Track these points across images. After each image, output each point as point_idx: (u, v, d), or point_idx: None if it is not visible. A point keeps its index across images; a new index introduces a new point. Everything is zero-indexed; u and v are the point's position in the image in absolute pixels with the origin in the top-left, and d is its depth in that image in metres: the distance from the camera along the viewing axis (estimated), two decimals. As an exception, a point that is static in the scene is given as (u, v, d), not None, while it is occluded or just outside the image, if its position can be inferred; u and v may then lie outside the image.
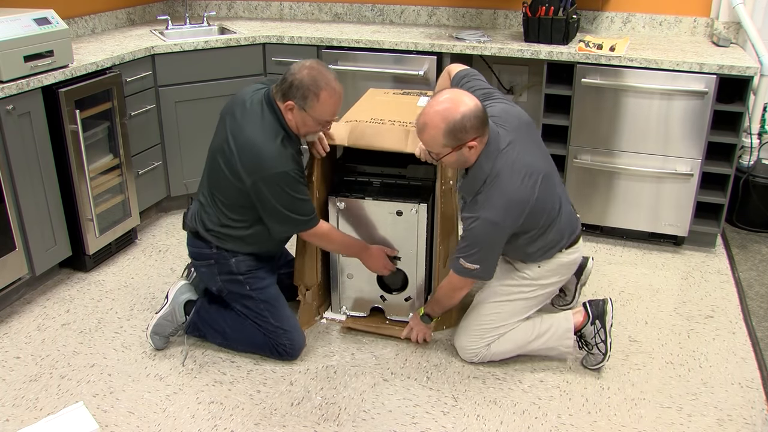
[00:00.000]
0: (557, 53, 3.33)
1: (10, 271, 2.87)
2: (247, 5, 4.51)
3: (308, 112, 2.34)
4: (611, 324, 2.53)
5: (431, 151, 2.30)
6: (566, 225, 2.46)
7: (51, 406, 2.39)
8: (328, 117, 2.39)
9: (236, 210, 2.46)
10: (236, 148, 2.36)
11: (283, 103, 2.35)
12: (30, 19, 2.87)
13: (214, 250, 2.54)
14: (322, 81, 2.31)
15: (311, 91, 2.30)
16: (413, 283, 2.73)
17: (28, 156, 2.87)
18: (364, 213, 2.66)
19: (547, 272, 2.51)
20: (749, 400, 2.43)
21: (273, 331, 2.56)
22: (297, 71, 2.33)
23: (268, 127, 2.36)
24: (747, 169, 3.68)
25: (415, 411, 2.37)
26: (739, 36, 3.60)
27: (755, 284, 3.18)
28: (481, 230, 2.27)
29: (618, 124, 3.33)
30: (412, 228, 2.64)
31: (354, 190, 2.68)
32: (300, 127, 2.40)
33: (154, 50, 3.53)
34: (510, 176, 2.26)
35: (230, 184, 2.41)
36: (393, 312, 2.81)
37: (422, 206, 2.60)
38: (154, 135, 3.64)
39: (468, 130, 2.18)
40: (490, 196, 2.26)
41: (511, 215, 2.26)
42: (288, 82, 2.33)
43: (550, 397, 2.43)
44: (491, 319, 2.52)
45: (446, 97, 2.21)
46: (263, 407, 2.38)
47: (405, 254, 2.69)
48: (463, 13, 4.09)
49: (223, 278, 2.57)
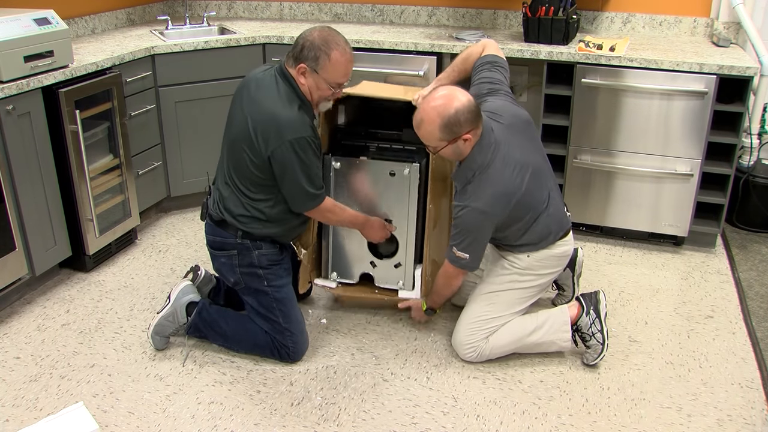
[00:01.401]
0: (557, 53, 3.33)
1: (10, 271, 2.87)
2: (247, 5, 4.51)
3: (320, 74, 2.33)
4: (606, 313, 2.58)
5: (429, 146, 2.39)
6: (554, 221, 2.52)
7: (51, 406, 2.39)
8: (340, 78, 2.38)
9: (258, 188, 2.44)
10: (255, 123, 2.34)
11: (295, 67, 2.35)
12: (30, 20, 2.87)
13: (238, 240, 2.51)
14: (332, 42, 2.32)
15: (322, 51, 2.30)
16: (404, 248, 2.74)
17: (28, 156, 2.87)
18: (358, 173, 2.68)
19: (536, 262, 2.55)
20: (749, 401, 2.43)
21: (280, 331, 2.56)
22: (308, 34, 2.34)
23: (284, 96, 2.35)
24: (747, 170, 3.68)
25: (415, 411, 2.37)
26: (739, 36, 3.60)
27: (755, 284, 3.18)
28: (470, 218, 2.37)
29: (618, 124, 3.33)
30: (404, 189, 2.66)
31: (350, 152, 2.70)
32: (313, 92, 2.39)
33: (154, 50, 3.53)
34: (500, 168, 2.36)
35: (252, 164, 2.39)
36: (382, 280, 2.81)
37: (414, 166, 2.62)
38: (154, 135, 3.64)
39: (462, 124, 2.28)
40: (479, 186, 2.36)
41: (499, 205, 2.36)
42: (299, 46, 2.34)
43: (550, 397, 2.44)
44: (487, 311, 2.55)
45: (441, 94, 2.32)
46: (263, 407, 2.38)
47: (396, 217, 2.71)
48: (463, 14, 4.09)
49: (243, 270, 2.55)
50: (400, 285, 2.80)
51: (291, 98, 2.36)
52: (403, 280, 2.78)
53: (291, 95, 2.36)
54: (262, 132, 2.33)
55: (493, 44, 2.70)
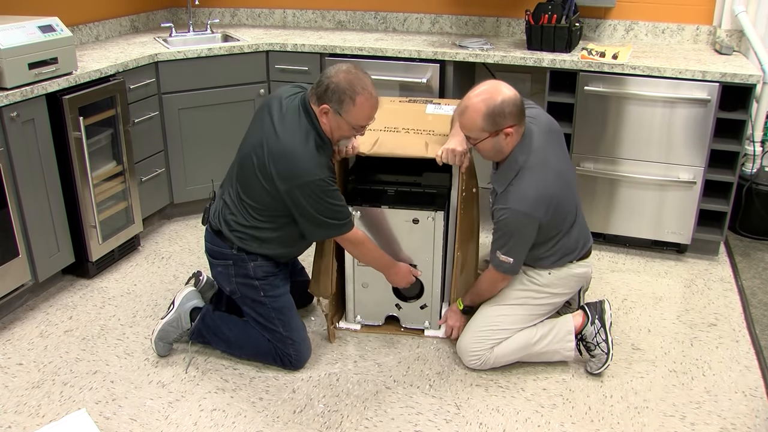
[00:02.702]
0: (560, 61, 3.34)
1: (13, 277, 2.87)
2: (251, 13, 4.52)
3: (343, 117, 2.31)
4: (611, 323, 2.58)
5: (469, 137, 2.36)
6: (582, 234, 2.56)
7: (53, 413, 2.39)
8: (363, 122, 2.36)
9: (264, 214, 2.43)
10: (271, 154, 2.33)
11: (318, 106, 2.33)
12: (35, 27, 2.88)
13: (234, 251, 2.50)
14: (358, 86, 2.29)
15: (347, 95, 2.27)
16: (429, 291, 2.73)
17: (31, 163, 2.87)
18: (380, 221, 2.66)
19: (556, 280, 2.55)
20: (753, 409, 2.42)
21: (281, 340, 2.56)
22: (333, 75, 2.30)
23: (303, 134, 2.33)
24: (750, 177, 3.67)
25: (418, 419, 2.36)
26: (742, 44, 3.61)
27: (759, 292, 3.18)
28: (513, 220, 2.35)
29: (621, 131, 3.33)
30: (428, 235, 2.64)
31: (369, 199, 2.67)
32: (334, 132, 2.37)
33: (157, 57, 3.54)
34: (541, 170, 2.36)
35: (262, 189, 2.38)
36: (408, 320, 2.81)
37: (439, 214, 2.60)
38: (157, 142, 3.65)
39: (506, 116, 2.28)
40: (521, 188, 2.35)
41: (542, 207, 2.34)
42: (324, 86, 2.30)
43: (553, 405, 2.43)
44: (498, 321, 2.54)
45: (487, 85, 2.32)
46: (266, 415, 2.38)
47: (421, 262, 2.69)
48: (466, 21, 4.10)
49: (239, 280, 2.55)
50: (426, 325, 2.80)
51: (309, 135, 2.33)
52: (430, 320, 2.79)
53: (311, 133, 2.34)
54: (276, 164, 2.32)
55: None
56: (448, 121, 2.83)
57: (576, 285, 2.62)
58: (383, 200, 2.66)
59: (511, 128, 2.31)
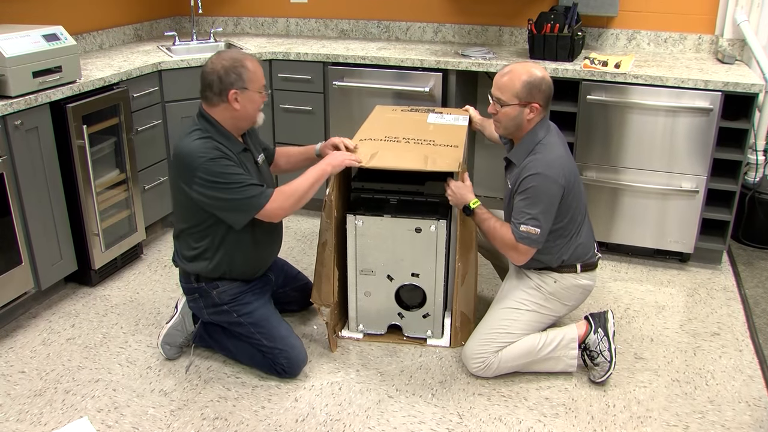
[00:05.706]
0: (562, 70, 3.34)
1: (16, 285, 2.87)
2: (254, 21, 4.54)
3: (249, 87, 2.39)
4: (614, 332, 2.58)
5: (500, 98, 2.46)
6: (589, 238, 2.61)
7: (55, 421, 2.39)
8: (263, 80, 2.45)
9: (196, 229, 2.49)
10: (173, 167, 2.43)
11: (224, 100, 2.38)
12: (39, 36, 2.90)
13: (196, 285, 2.56)
14: (236, 56, 2.40)
15: (238, 68, 2.37)
16: (432, 300, 2.73)
17: (35, 170, 2.88)
18: (383, 230, 2.66)
19: (561, 289, 2.57)
20: (757, 419, 2.41)
21: (269, 351, 2.56)
22: (211, 69, 2.38)
23: (195, 133, 2.39)
24: (753, 186, 3.67)
25: (420, 428, 2.36)
26: (744, 53, 3.61)
27: (762, 301, 3.17)
28: (542, 184, 2.39)
29: (623, 140, 3.34)
30: (431, 245, 2.64)
31: (372, 208, 2.68)
32: (250, 110, 2.43)
33: (161, 66, 3.55)
34: (559, 149, 2.48)
35: (183, 205, 2.47)
36: (411, 329, 2.81)
37: (441, 223, 2.60)
38: (160, 150, 3.66)
39: (542, 91, 2.43)
40: (545, 156, 2.43)
41: (563, 176, 2.41)
42: (213, 81, 2.37)
43: (556, 414, 2.42)
44: (504, 325, 2.55)
45: (532, 62, 2.51)
46: (268, 423, 2.38)
47: (423, 271, 2.69)
48: (469, 30, 4.11)
49: (209, 311, 2.59)
50: (428, 334, 2.80)
51: (194, 133, 2.39)
52: (432, 329, 2.79)
53: (204, 131, 2.39)
54: (176, 169, 2.41)
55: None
56: (449, 131, 2.84)
57: (581, 297, 2.64)
58: (386, 209, 2.66)
59: (538, 105, 2.43)
